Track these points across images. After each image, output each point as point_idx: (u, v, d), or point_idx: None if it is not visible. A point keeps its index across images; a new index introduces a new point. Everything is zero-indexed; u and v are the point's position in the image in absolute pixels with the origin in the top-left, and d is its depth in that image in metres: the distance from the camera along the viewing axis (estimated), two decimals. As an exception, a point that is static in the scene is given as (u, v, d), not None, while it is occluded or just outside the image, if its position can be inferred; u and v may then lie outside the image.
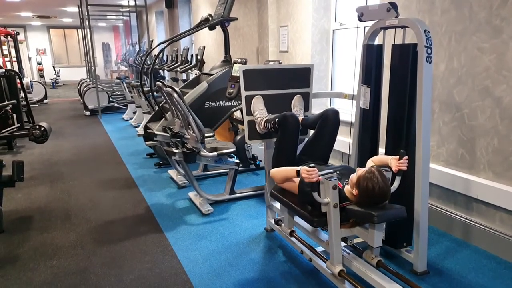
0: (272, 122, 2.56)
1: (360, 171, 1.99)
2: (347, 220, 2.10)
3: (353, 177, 2.00)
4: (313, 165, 2.01)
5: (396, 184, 2.12)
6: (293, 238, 2.57)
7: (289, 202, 2.30)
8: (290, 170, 2.21)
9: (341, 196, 2.01)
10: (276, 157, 2.55)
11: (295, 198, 2.28)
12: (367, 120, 2.58)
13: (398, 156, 2.11)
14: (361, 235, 2.14)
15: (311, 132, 2.71)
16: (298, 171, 2.06)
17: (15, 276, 2.46)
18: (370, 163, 2.26)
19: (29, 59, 17.49)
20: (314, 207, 2.10)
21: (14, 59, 10.70)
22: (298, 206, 2.22)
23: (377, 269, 2.11)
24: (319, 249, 2.43)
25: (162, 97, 3.52)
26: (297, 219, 2.56)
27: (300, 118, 2.68)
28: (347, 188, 2.07)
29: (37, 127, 4.40)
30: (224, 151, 3.28)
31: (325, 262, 2.22)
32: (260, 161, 4.16)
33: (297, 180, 2.22)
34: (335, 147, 2.65)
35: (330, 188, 1.95)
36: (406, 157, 2.09)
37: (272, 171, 2.38)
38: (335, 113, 2.51)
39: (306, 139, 2.71)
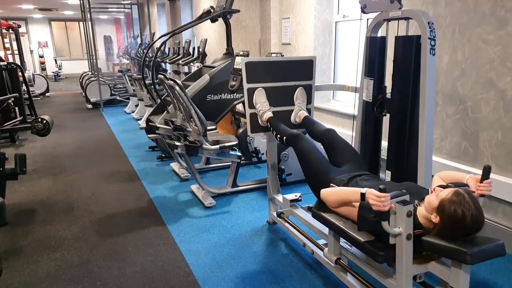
0: (279, 136, 2.46)
1: (442, 192, 1.61)
2: (420, 252, 1.70)
3: (432, 199, 1.62)
4: (383, 186, 1.55)
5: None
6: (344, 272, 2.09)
7: (343, 228, 1.87)
8: (350, 193, 1.79)
9: (413, 222, 1.60)
10: (307, 169, 2.25)
11: (348, 223, 1.88)
12: (370, 112, 2.57)
13: (478, 176, 1.74)
14: (439, 273, 1.71)
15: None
16: (362, 195, 1.63)
17: (19, 268, 2.48)
18: (439, 180, 1.86)
19: (31, 52, 17.46)
20: (378, 237, 1.71)
21: (16, 52, 10.69)
22: (356, 234, 1.80)
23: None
24: (322, 241, 2.43)
25: (164, 90, 3.51)
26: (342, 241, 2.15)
27: (303, 114, 2.66)
28: (421, 212, 1.67)
29: (39, 120, 4.41)
30: (226, 144, 3.28)
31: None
32: (262, 154, 4.16)
33: (357, 204, 1.77)
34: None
35: (404, 215, 1.54)
36: (489, 180, 1.71)
37: (325, 193, 1.95)
38: (332, 134, 2.41)
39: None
